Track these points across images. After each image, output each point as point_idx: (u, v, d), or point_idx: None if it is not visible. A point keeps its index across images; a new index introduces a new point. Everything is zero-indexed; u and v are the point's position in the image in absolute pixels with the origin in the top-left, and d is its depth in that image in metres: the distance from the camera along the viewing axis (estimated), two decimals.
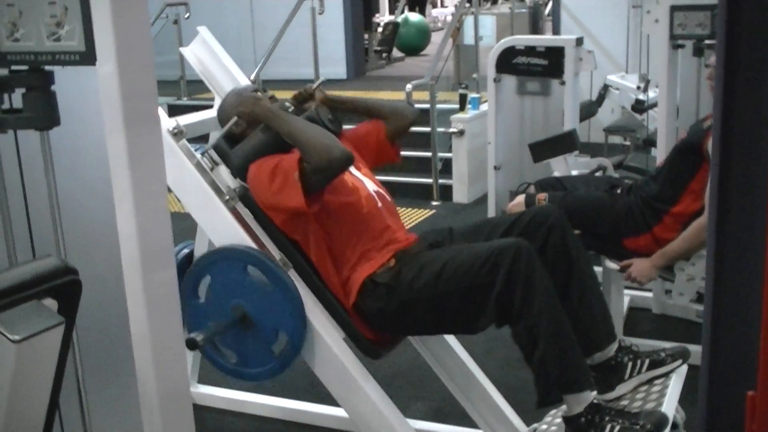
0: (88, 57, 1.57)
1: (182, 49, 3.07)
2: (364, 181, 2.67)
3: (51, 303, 1.22)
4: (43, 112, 1.69)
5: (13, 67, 1.69)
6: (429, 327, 2.56)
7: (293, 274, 2.52)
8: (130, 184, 1.60)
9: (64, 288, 1.23)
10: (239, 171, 2.56)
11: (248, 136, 2.61)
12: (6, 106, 1.72)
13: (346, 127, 2.88)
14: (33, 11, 1.61)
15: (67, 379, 1.41)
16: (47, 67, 1.68)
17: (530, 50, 4.36)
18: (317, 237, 2.52)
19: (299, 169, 2.39)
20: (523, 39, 4.70)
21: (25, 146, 1.81)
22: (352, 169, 2.63)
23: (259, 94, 2.70)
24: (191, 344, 2.37)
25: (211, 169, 2.57)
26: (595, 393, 2.29)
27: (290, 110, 2.70)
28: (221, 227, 2.53)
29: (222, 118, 2.74)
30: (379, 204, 2.63)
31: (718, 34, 1.21)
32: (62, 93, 1.73)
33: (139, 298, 1.69)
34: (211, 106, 3.06)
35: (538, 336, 2.25)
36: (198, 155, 2.55)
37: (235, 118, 2.63)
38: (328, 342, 2.47)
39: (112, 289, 1.78)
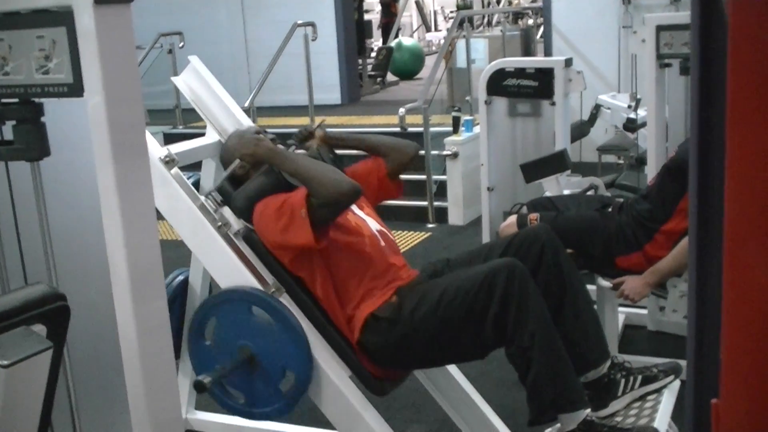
0: (76, 89, 1.60)
1: (174, 79, 3.10)
2: (367, 220, 2.68)
3: (40, 329, 1.24)
4: (34, 144, 1.72)
5: (4, 100, 1.72)
6: (432, 357, 2.53)
7: (298, 313, 2.50)
8: (120, 213, 1.62)
9: (52, 314, 1.26)
10: (243, 212, 2.56)
11: (251, 178, 2.64)
12: None
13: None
14: (22, 45, 1.64)
15: (61, 406, 1.43)
16: (37, 100, 1.71)
17: (520, 72, 4.40)
18: (323, 274, 2.51)
19: (306, 206, 2.39)
20: (512, 61, 4.74)
21: (16, 176, 1.83)
22: (355, 208, 2.64)
23: (260, 135, 2.71)
24: (199, 387, 2.37)
25: (215, 211, 2.56)
26: (588, 410, 2.30)
27: (292, 149, 2.73)
28: (225, 267, 2.52)
29: (225, 160, 2.77)
30: (382, 243, 2.63)
31: (692, 50, 1.23)
32: (52, 124, 1.76)
33: (130, 327, 1.70)
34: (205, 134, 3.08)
35: (531, 357, 2.26)
36: (202, 197, 2.56)
37: (237, 161, 2.64)
38: (334, 380, 2.45)
39: (104, 316, 1.80)
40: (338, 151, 2.89)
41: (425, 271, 2.66)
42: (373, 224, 2.68)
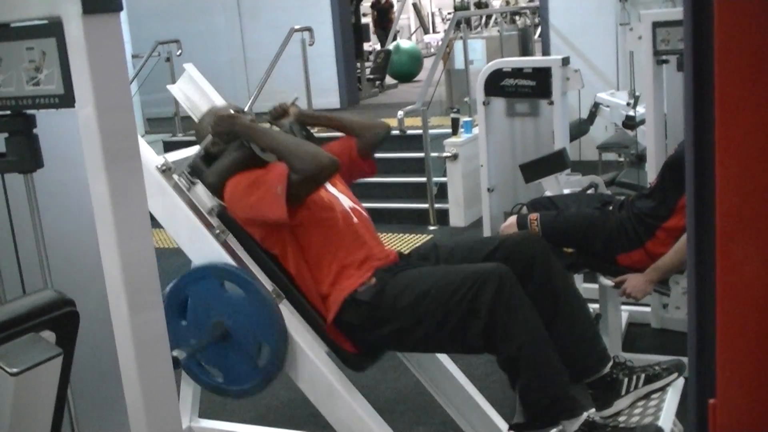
0: (67, 99, 1.59)
1: (169, 87, 3.11)
2: (339, 197, 2.69)
3: (49, 335, 1.23)
4: (26, 156, 1.71)
5: None
6: (411, 344, 2.54)
7: (274, 289, 2.52)
8: (113, 222, 1.61)
9: (61, 320, 1.25)
10: (215, 188, 2.59)
11: (223, 154, 2.65)
12: None
13: None
14: (12, 57, 1.63)
15: None
16: (28, 111, 1.70)
17: (517, 72, 4.38)
18: (295, 251, 2.54)
19: (286, 182, 2.41)
20: (509, 61, 4.72)
21: (12, 187, 1.82)
22: (328, 185, 2.67)
23: (234, 112, 2.73)
24: (173, 362, 2.38)
25: (188, 189, 2.59)
26: (588, 412, 2.28)
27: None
28: (202, 248, 2.55)
29: (199, 137, 2.77)
30: (355, 220, 2.64)
31: (685, 46, 1.22)
32: (45, 135, 1.75)
33: (126, 337, 1.69)
34: None
35: (520, 367, 2.25)
36: (175, 176, 2.58)
37: (209, 137, 2.65)
38: (311, 355, 2.46)
39: (102, 326, 1.79)
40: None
41: (411, 256, 2.66)
42: (346, 201, 2.70)
